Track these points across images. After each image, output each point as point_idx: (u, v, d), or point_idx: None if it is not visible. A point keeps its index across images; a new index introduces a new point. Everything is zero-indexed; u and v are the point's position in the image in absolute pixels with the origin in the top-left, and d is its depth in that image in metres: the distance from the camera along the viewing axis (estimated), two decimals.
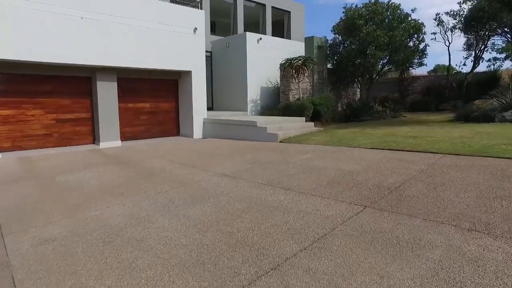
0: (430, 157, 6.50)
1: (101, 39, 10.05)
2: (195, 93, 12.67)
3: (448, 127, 10.42)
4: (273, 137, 10.16)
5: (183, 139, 12.31)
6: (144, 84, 12.36)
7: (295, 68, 13.37)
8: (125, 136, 11.90)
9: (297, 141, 9.80)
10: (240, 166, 6.95)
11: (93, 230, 3.83)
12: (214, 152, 8.99)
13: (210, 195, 5.01)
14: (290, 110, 13.05)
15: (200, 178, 6.07)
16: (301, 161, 7.06)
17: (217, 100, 16.41)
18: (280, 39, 16.39)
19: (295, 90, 14.22)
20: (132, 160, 8.28)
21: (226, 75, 15.69)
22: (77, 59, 9.71)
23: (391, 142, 8.30)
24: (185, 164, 7.44)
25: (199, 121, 12.87)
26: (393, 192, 4.60)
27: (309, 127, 11.91)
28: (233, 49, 15.26)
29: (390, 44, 13.62)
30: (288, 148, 8.86)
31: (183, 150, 9.64)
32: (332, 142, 9.12)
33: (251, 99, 14.90)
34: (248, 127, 11.01)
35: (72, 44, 9.53)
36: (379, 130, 10.70)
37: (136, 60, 10.97)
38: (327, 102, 13.58)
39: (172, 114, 13.31)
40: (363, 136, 9.74)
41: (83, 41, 9.72)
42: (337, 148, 8.33)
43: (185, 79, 12.84)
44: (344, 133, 10.66)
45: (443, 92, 18.84)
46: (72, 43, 9.52)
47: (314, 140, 9.69)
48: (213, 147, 9.92)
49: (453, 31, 18.34)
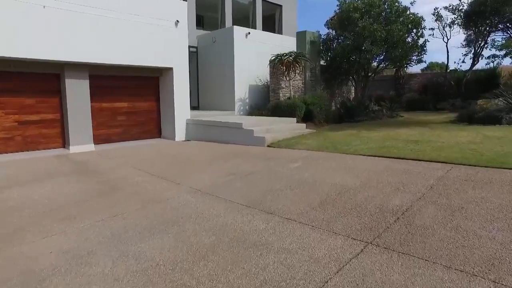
0: (439, 168, 5.60)
1: (69, 31, 8.98)
2: (177, 92, 11.66)
3: (452, 129, 9.57)
4: (260, 140, 9.22)
5: (163, 142, 11.31)
6: (121, 82, 11.31)
7: (285, 65, 12.42)
8: (100, 138, 10.86)
9: (286, 145, 8.86)
10: (218, 177, 6.00)
11: (5, 280, 2.86)
12: (194, 158, 8.02)
13: (175, 220, 4.05)
14: (280, 110, 12.11)
15: (170, 195, 5.10)
16: (290, 171, 6.13)
17: (203, 99, 15.40)
18: (271, 34, 15.42)
19: (285, 88, 13.28)
20: (100, 168, 7.27)
21: (212, 72, 14.69)
22: (41, 53, 8.63)
23: (392, 148, 7.40)
24: (158, 174, 6.47)
25: (182, 122, 11.87)
26: (401, 219, 3.68)
27: (301, 129, 10.99)
28: (220, 44, 14.25)
29: (387, 39, 12.73)
30: (276, 154, 7.92)
31: (160, 155, 8.66)
32: (325, 147, 8.21)
33: (238, 98, 13.93)
34: (233, 130, 10.05)
35: (34, 37, 8.45)
36: (377, 133, 9.81)
37: (110, 56, 9.92)
38: (320, 101, 12.66)
39: (153, 114, 12.28)
40: (360, 140, 8.84)
41: (47, 33, 8.65)
42: (331, 155, 7.41)
43: (167, 77, 11.81)
44: (339, 136, 9.76)
45: (441, 90, 18.03)
46: (34, 36, 8.44)
47: (306, 144, 8.77)
48: (193, 152, 8.95)
49: (452, 26, 17.50)
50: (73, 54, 9.18)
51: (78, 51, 9.23)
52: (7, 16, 8.04)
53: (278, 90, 13.19)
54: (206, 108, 15.12)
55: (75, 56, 9.24)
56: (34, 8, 8.41)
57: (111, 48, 9.87)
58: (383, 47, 12.77)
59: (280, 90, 13.17)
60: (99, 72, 10.48)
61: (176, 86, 11.62)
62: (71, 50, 9.10)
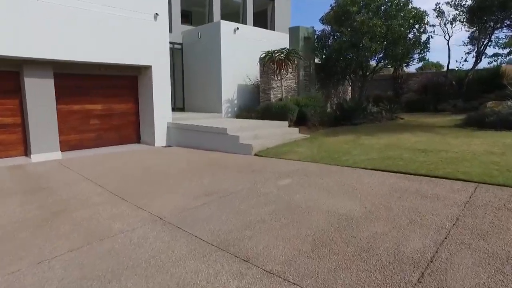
0: (460, 189, 4.56)
1: (28, 24, 7.82)
2: (156, 93, 10.53)
3: (462, 135, 8.56)
4: (247, 148, 8.14)
5: (141, 148, 10.17)
6: (94, 82, 10.15)
7: (276, 63, 11.34)
8: (69, 145, 9.72)
9: (276, 154, 7.79)
10: (191, 199, 4.91)
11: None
12: (169, 170, 6.91)
13: (116, 272, 2.95)
14: (270, 113, 11.04)
15: (124, 226, 4.00)
16: (277, 191, 5.05)
17: (189, 100, 14.27)
18: (261, 30, 14.32)
19: (277, 88, 12.20)
20: (55, 184, 6.13)
21: (198, 71, 13.57)
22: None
23: (397, 160, 6.35)
24: (121, 192, 5.36)
25: (162, 126, 10.75)
26: (426, 278, 2.62)
27: (293, 134, 9.92)
28: (206, 40, 13.13)
29: (387, 36, 11.70)
30: (263, 165, 6.84)
31: (132, 166, 7.52)
32: (320, 157, 7.14)
33: (226, 99, 12.82)
34: (217, 135, 8.96)
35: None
36: (378, 139, 8.77)
37: (79, 52, 8.77)
38: (314, 102, 11.61)
39: (131, 117, 11.13)
40: (359, 148, 7.79)
41: (2, 26, 7.48)
42: (326, 168, 6.35)
43: (146, 76, 10.67)
44: (335, 142, 8.70)
45: (441, 90, 17.07)
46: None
47: (298, 153, 7.70)
48: (171, 161, 7.83)
49: (453, 23, 16.55)
50: (33, 50, 8.03)
51: (39, 47, 8.08)
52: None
53: (269, 91, 12.11)
54: (192, 109, 14.01)
55: (36, 52, 8.09)
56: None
57: (79, 43, 8.72)
58: (383, 44, 11.74)
59: (271, 90, 12.10)
60: (67, 71, 9.34)
61: (156, 86, 10.49)
62: (31, 45, 7.94)
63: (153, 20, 10.20)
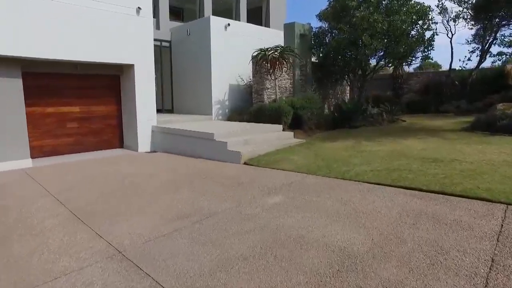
0: (486, 212, 3.77)
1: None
2: (139, 94, 9.69)
3: (473, 141, 7.78)
4: (235, 156, 7.32)
5: (123, 154, 9.32)
6: (71, 82, 9.29)
7: (270, 61, 10.52)
8: (43, 151, 8.87)
9: (267, 162, 6.97)
10: (162, 223, 4.08)
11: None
12: (145, 182, 6.06)
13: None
14: (263, 115, 10.22)
15: (67, 266, 3.17)
16: (265, 213, 4.23)
17: (178, 101, 13.43)
18: (255, 26, 13.49)
19: (271, 89, 11.39)
20: (5, 202, 5.27)
21: (187, 71, 12.73)
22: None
23: (405, 172, 5.55)
24: (81, 212, 4.52)
25: (146, 130, 9.91)
26: None
27: (287, 139, 9.10)
28: (195, 37, 12.29)
29: (388, 32, 10.91)
30: (252, 177, 6.02)
31: (106, 176, 6.67)
32: (316, 167, 6.33)
33: (217, 100, 11.99)
34: (204, 141, 8.14)
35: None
36: (380, 145, 7.97)
37: (51, 49, 7.92)
38: (311, 104, 10.80)
39: (113, 120, 10.28)
40: (360, 156, 6.98)
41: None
42: (324, 181, 5.53)
43: (129, 75, 9.82)
44: (333, 149, 7.89)
45: (444, 91, 16.33)
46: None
47: (292, 161, 6.89)
48: (150, 171, 6.99)
49: (456, 21, 15.81)
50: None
51: (5, 43, 7.23)
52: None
53: (262, 91, 11.29)
54: (181, 111, 13.16)
55: (1, 48, 7.24)
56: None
57: (52, 39, 7.88)
58: (384, 41, 10.93)
59: (264, 91, 11.28)
60: (39, 69, 8.49)
61: (138, 87, 9.65)
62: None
63: (135, 14, 9.35)
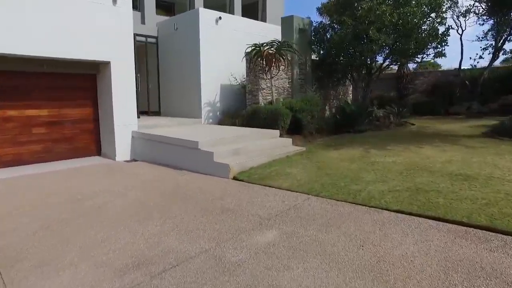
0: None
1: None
2: (116, 95, 8.53)
3: (505, 151, 6.64)
4: (223, 169, 6.17)
5: (98, 164, 8.14)
6: (37, 81, 8.12)
7: (265, 58, 9.36)
8: (2, 161, 7.70)
9: (261, 178, 5.81)
10: (105, 279, 2.92)
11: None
12: (108, 205, 4.89)
13: None
14: (258, 119, 9.08)
15: None
16: (253, 261, 3.08)
17: (165, 103, 12.26)
18: (250, 20, 12.32)
19: (267, 89, 10.24)
20: None
21: (175, 69, 11.56)
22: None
23: (433, 193, 4.41)
24: (4, 257, 3.36)
25: (125, 136, 8.75)
26: None
27: (285, 146, 7.95)
28: (183, 32, 11.13)
29: (398, 26, 9.76)
30: (239, 199, 4.86)
31: (66, 195, 5.48)
32: (320, 185, 5.18)
33: (207, 102, 10.83)
34: (188, 150, 6.98)
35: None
36: (393, 155, 6.83)
37: (11, 43, 6.76)
38: (311, 106, 9.66)
39: (88, 125, 9.10)
40: (372, 170, 5.84)
41: None
42: (331, 206, 4.38)
43: (106, 74, 8.66)
44: (339, 160, 6.74)
45: (453, 91, 15.21)
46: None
47: (291, 176, 5.74)
48: (120, 187, 5.80)
49: (467, 16, 14.69)
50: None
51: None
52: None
53: (257, 92, 10.13)
54: (169, 114, 12.00)
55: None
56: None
57: (13, 32, 6.71)
58: (393, 36, 9.76)
59: (259, 91, 10.12)
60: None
61: (116, 87, 8.49)
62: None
63: (111, 4, 8.19)
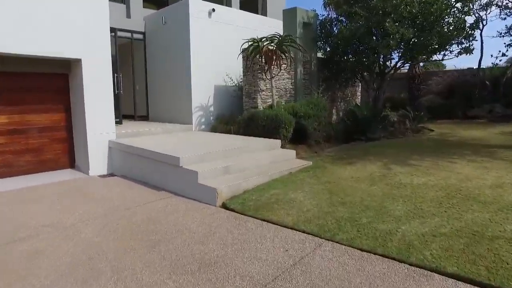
0: None
1: None
2: (89, 98, 7.26)
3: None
4: (209, 194, 4.87)
5: (66, 180, 6.84)
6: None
7: (265, 55, 8.04)
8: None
9: (256, 207, 4.51)
10: None
11: None
12: (50, 251, 3.60)
13: None
14: (256, 126, 7.78)
15: None
16: None
17: (154, 107, 10.97)
18: (248, 14, 11.01)
19: (266, 90, 8.93)
20: None
21: (164, 69, 10.27)
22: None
23: (498, 243, 3.09)
24: None
25: (101, 146, 7.48)
26: None
27: (287, 160, 6.64)
28: (172, 27, 9.84)
29: (417, 18, 8.41)
30: (226, 244, 3.55)
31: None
32: (335, 221, 3.87)
33: (198, 106, 9.53)
34: (169, 167, 5.69)
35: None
36: (422, 173, 5.50)
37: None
38: (318, 111, 8.35)
39: (59, 133, 7.82)
40: (398, 194, 4.52)
41: None
42: (352, 260, 3.07)
43: (78, 74, 7.38)
44: (354, 180, 5.42)
45: (472, 92, 13.84)
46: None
47: (295, 206, 4.43)
48: (75, 221, 4.49)
49: (488, 9, 13.35)
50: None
51: None
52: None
53: (255, 94, 8.82)
54: (158, 119, 10.72)
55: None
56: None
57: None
58: (413, 28, 8.38)
59: (258, 93, 8.81)
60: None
61: (88, 89, 7.22)
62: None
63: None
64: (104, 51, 7.41)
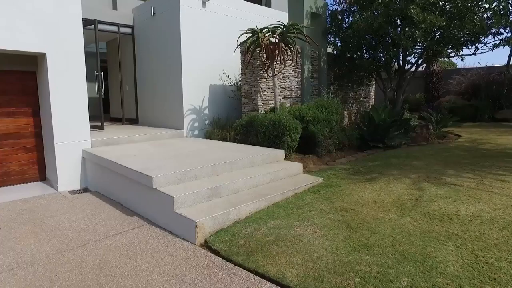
0: None
1: None
2: (56, 99, 6.11)
3: None
4: (186, 227, 3.67)
5: (26, 198, 5.68)
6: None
7: (266, 49, 6.79)
8: None
9: (248, 250, 3.28)
10: None
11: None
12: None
13: None
14: (255, 133, 6.56)
15: None
16: None
17: (144, 109, 9.80)
18: (247, 4, 9.77)
19: (268, 91, 7.70)
20: None
21: (154, 66, 9.10)
22: None
23: None
24: None
25: (72, 156, 6.33)
26: None
27: (292, 177, 5.40)
28: (161, 18, 8.66)
29: (446, 4, 7.09)
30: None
31: None
32: (359, 279, 2.62)
33: (191, 108, 8.33)
34: (141, 188, 4.50)
35: None
36: (469, 198, 4.23)
37: None
38: (329, 115, 7.08)
39: (26, 141, 6.70)
40: (445, 232, 3.27)
41: None
42: None
43: (44, 71, 6.23)
44: (377, 207, 4.16)
45: (500, 92, 12.46)
46: None
47: (300, 250, 3.20)
48: (4, 269, 3.33)
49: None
50: None
51: None
52: None
53: (255, 95, 7.59)
54: (149, 122, 9.56)
55: None
56: None
57: None
58: (442, 18, 7.05)
59: (258, 94, 7.58)
60: None
61: (55, 89, 6.07)
62: None
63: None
64: (75, 45, 6.24)
